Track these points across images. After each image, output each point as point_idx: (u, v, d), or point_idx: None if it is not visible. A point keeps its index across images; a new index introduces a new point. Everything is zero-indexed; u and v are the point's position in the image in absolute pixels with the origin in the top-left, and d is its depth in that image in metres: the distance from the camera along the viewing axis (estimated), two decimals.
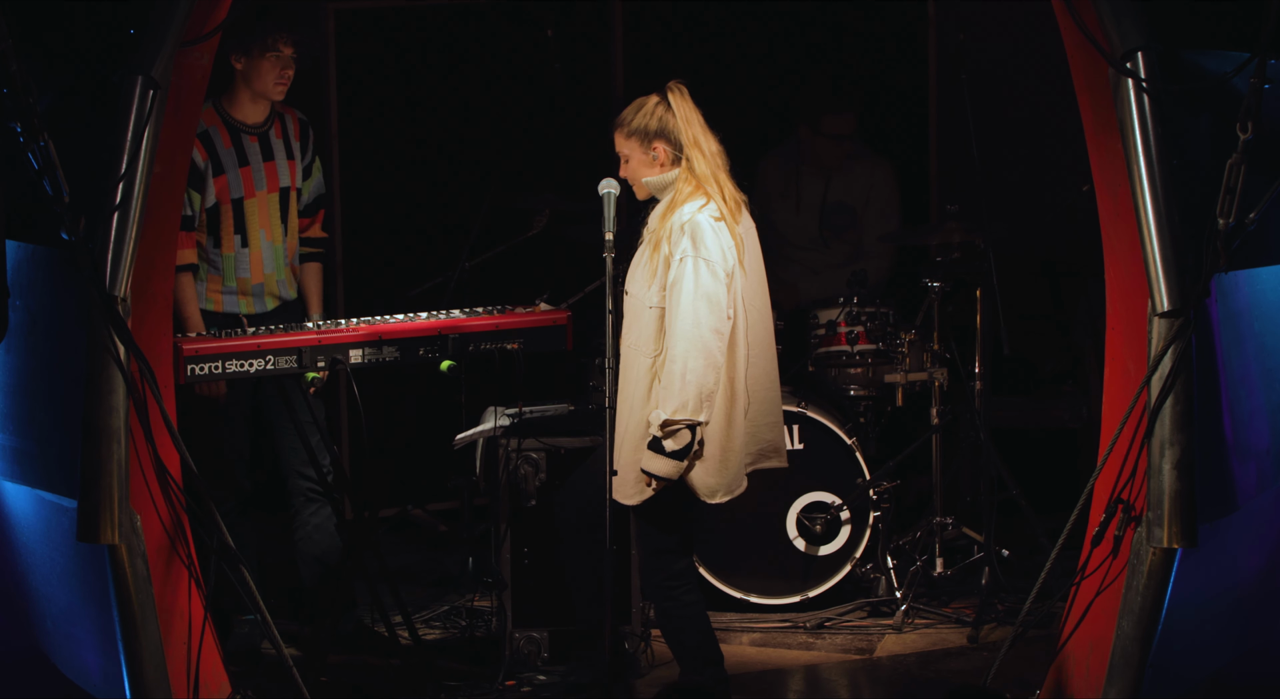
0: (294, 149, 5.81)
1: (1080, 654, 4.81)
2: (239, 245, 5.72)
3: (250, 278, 5.74)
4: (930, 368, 6.44)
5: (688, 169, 5.03)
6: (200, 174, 5.62)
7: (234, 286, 5.74)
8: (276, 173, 5.76)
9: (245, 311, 5.74)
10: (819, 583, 6.30)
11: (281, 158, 5.78)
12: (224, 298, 5.74)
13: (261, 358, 5.30)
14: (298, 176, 5.82)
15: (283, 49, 5.59)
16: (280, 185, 5.77)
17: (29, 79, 4.29)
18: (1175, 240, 4.44)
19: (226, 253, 5.71)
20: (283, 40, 5.58)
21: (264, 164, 5.73)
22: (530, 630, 5.68)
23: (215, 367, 5.23)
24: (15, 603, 4.94)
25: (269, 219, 5.75)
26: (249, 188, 5.70)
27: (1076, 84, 4.83)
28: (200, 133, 5.61)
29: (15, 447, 4.78)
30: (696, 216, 4.91)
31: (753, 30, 7.63)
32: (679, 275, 4.86)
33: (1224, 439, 4.55)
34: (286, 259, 5.83)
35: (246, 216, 5.71)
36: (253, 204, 5.72)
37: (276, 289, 5.81)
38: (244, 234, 5.72)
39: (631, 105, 5.17)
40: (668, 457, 4.81)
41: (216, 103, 5.70)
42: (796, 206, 6.99)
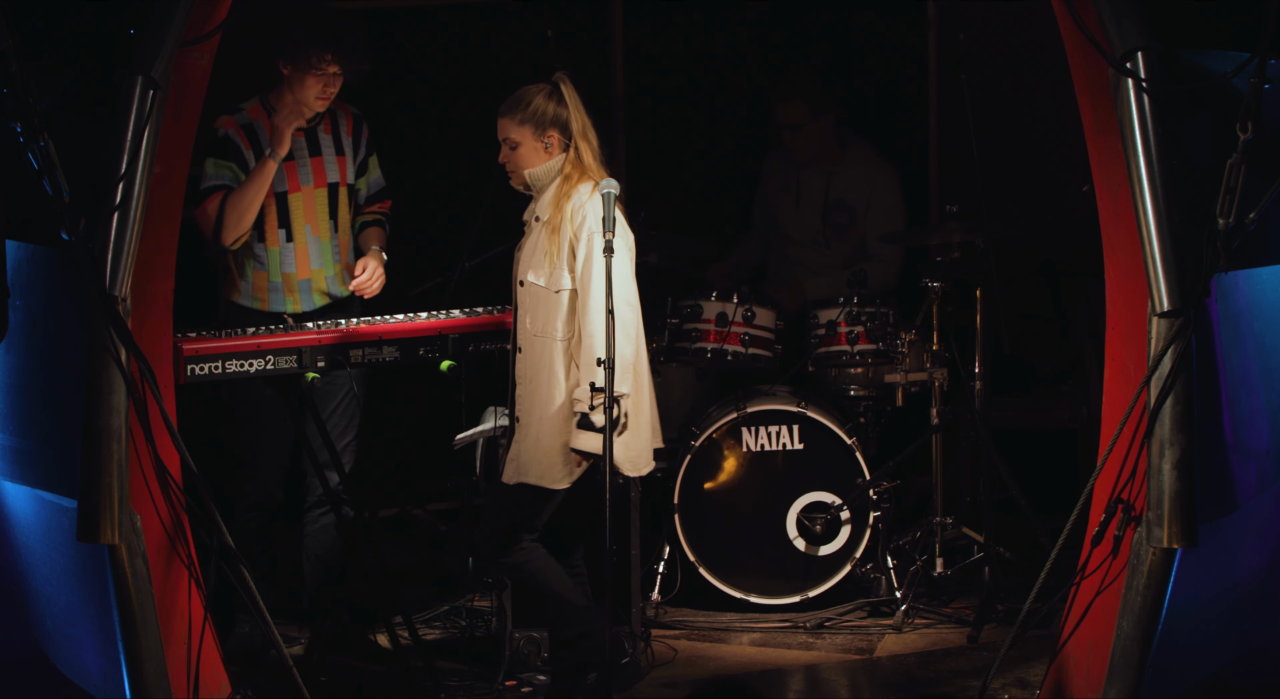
0: (344, 144, 5.79)
1: (1080, 654, 4.81)
2: (284, 240, 5.69)
3: (296, 273, 5.72)
4: (930, 368, 6.44)
5: (575, 158, 5.22)
6: (242, 158, 5.60)
7: (279, 282, 5.71)
8: (324, 168, 5.74)
9: (291, 310, 5.70)
10: (819, 583, 6.30)
11: (330, 154, 5.76)
12: (270, 295, 5.71)
13: (261, 358, 5.29)
14: (349, 172, 5.80)
15: (327, 68, 5.59)
16: (328, 181, 5.75)
17: (29, 79, 4.29)
18: (1175, 240, 4.44)
19: (271, 247, 5.68)
20: (328, 59, 5.57)
21: (310, 159, 5.72)
22: (530, 630, 5.68)
23: (215, 366, 5.22)
24: (15, 603, 4.94)
25: (315, 214, 5.73)
26: (293, 182, 5.69)
27: (1076, 84, 4.83)
28: (244, 125, 5.62)
29: (15, 447, 4.78)
30: (597, 197, 5.12)
31: (752, 30, 7.63)
32: (590, 254, 5.07)
33: (1224, 439, 4.55)
34: (336, 257, 5.80)
35: (290, 211, 5.69)
36: (297, 199, 5.70)
37: (325, 285, 5.78)
38: (288, 229, 5.70)
39: (520, 94, 5.30)
40: (597, 432, 4.96)
41: (264, 98, 5.69)
42: (797, 202, 6.98)
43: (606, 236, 4.99)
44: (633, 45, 7.65)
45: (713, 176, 7.71)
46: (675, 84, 7.68)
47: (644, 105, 7.69)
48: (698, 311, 6.47)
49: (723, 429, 6.35)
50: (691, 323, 6.48)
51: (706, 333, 6.47)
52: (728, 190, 7.63)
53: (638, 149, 7.70)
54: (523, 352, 5.21)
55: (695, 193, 7.72)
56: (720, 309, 6.46)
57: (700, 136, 7.69)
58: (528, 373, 5.20)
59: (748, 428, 6.35)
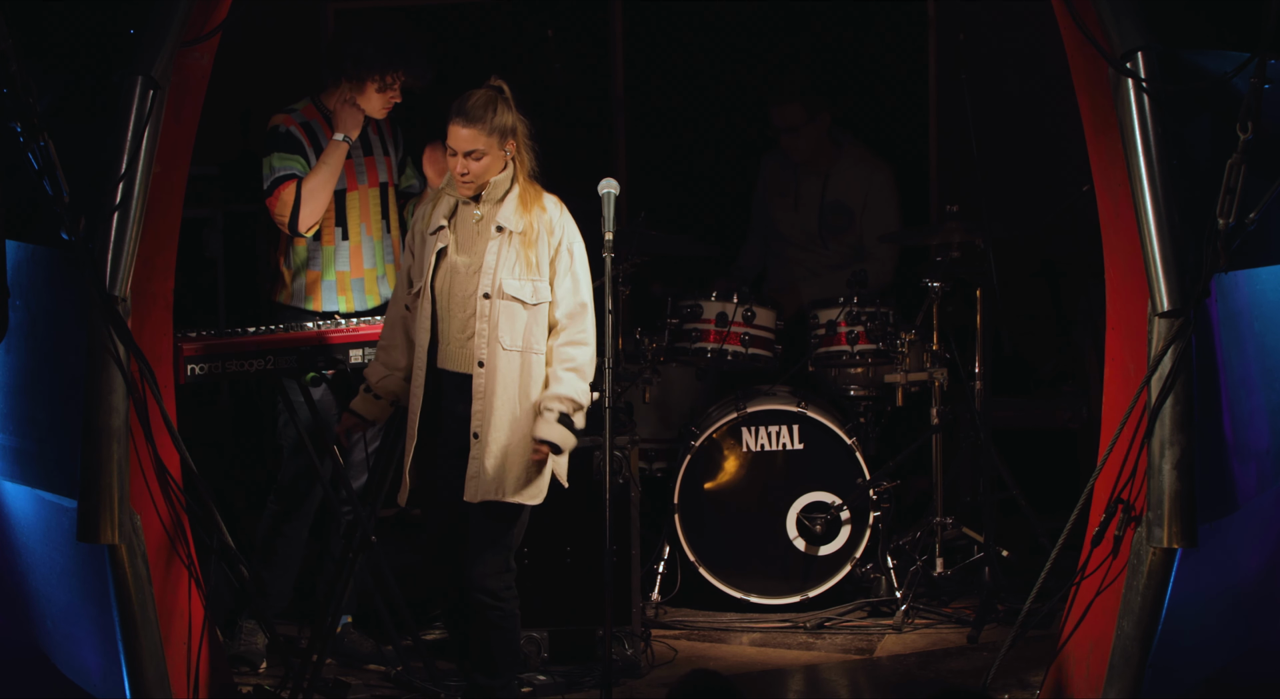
0: (388, 145, 5.80)
1: (1080, 654, 4.81)
2: (339, 238, 5.69)
3: (350, 272, 5.71)
4: (930, 368, 6.44)
5: (521, 166, 5.09)
6: (308, 156, 5.60)
7: (333, 281, 5.70)
8: (376, 168, 5.75)
9: (344, 310, 5.70)
10: (819, 583, 6.30)
11: (379, 154, 5.77)
12: (324, 295, 5.70)
13: (262, 357, 5.29)
14: (395, 172, 5.81)
15: (396, 86, 5.63)
16: (380, 180, 5.76)
17: (29, 79, 4.29)
18: (1175, 240, 4.44)
19: (326, 246, 5.68)
20: (400, 77, 5.61)
21: (364, 159, 5.72)
22: (530, 630, 5.68)
23: (215, 366, 5.22)
24: (15, 603, 4.94)
25: (369, 213, 5.73)
26: (351, 181, 5.69)
27: (1076, 84, 4.83)
28: (303, 123, 5.63)
29: (15, 447, 4.78)
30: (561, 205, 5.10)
31: (752, 30, 7.63)
32: (573, 264, 5.03)
33: (1224, 439, 4.55)
34: (389, 256, 5.79)
35: (347, 209, 5.69)
36: (354, 197, 5.70)
37: (378, 286, 5.77)
38: (344, 227, 5.69)
39: (478, 102, 5.10)
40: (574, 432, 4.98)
41: (315, 98, 5.69)
42: (795, 204, 6.98)
43: (607, 237, 4.98)
44: (633, 45, 7.65)
45: (713, 176, 7.71)
46: (675, 84, 7.68)
47: (644, 105, 7.69)
48: (698, 311, 6.47)
49: (723, 429, 6.35)
50: (691, 323, 6.48)
51: (706, 333, 6.47)
52: (728, 190, 7.63)
53: (638, 149, 7.70)
54: (484, 365, 4.94)
55: (695, 193, 7.72)
56: (720, 309, 6.46)
57: (700, 136, 7.69)
58: (491, 387, 4.94)
59: (748, 428, 6.35)
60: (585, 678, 5.58)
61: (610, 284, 4.99)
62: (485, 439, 4.95)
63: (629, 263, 6.38)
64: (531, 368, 4.97)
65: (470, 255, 5.00)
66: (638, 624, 5.78)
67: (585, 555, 5.68)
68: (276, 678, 5.47)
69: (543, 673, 5.60)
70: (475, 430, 4.96)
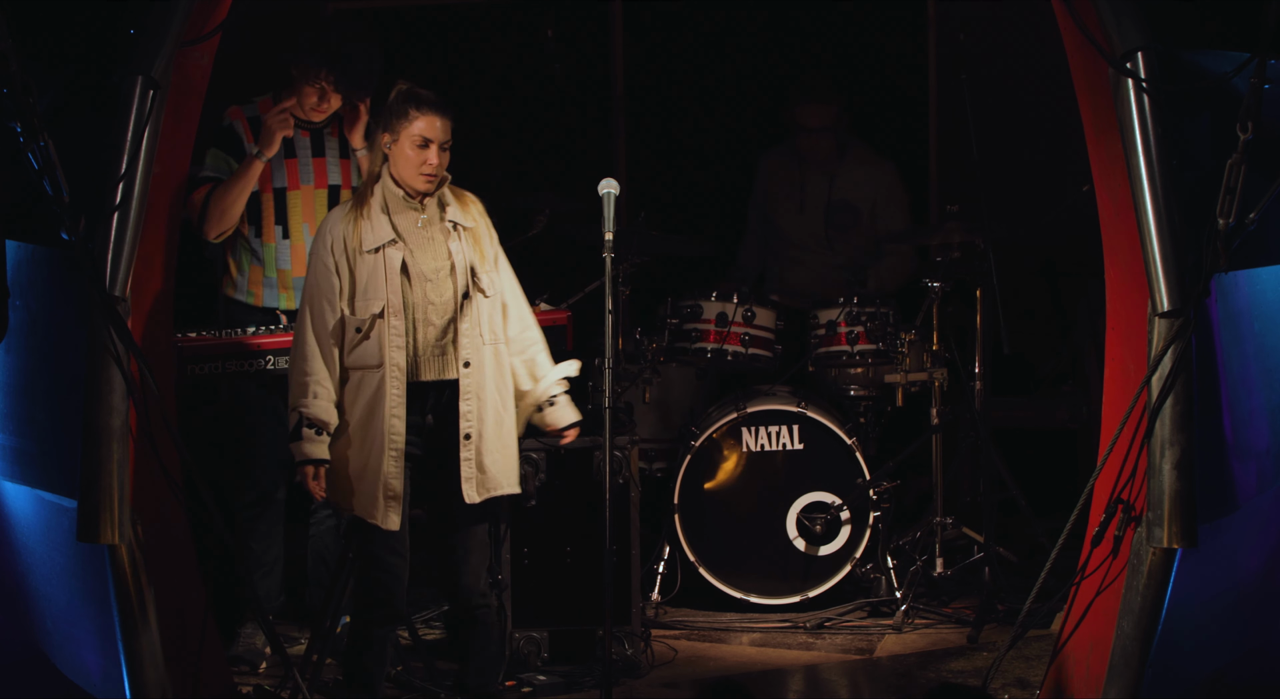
0: (349, 149, 5.79)
1: (1080, 654, 4.81)
2: (280, 236, 5.70)
3: (291, 271, 5.73)
4: (930, 368, 6.44)
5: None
6: (242, 151, 5.61)
7: (274, 278, 5.72)
8: (325, 170, 5.75)
9: (285, 307, 5.71)
10: (819, 583, 6.30)
11: (334, 156, 5.76)
12: (264, 291, 5.73)
13: (261, 357, 5.30)
14: (353, 177, 5.80)
15: (325, 85, 5.60)
16: (329, 183, 5.76)
17: (29, 79, 4.29)
18: (1175, 240, 4.44)
19: (268, 243, 5.70)
20: (330, 79, 5.59)
21: (312, 159, 5.72)
22: (530, 630, 5.68)
23: (215, 366, 5.22)
24: (15, 603, 4.94)
25: (313, 214, 5.73)
26: (293, 180, 5.70)
27: (1076, 84, 4.83)
28: (251, 117, 5.64)
29: (15, 447, 4.78)
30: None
31: (752, 30, 7.63)
32: (501, 252, 5.06)
33: (1224, 439, 4.55)
34: None
35: (289, 208, 5.70)
36: (296, 196, 5.71)
37: None
38: (285, 225, 5.70)
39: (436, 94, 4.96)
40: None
41: (275, 95, 5.71)
42: (801, 206, 6.98)
43: (607, 237, 4.98)
44: (633, 45, 7.65)
45: (713, 176, 7.71)
46: (675, 84, 7.68)
47: (644, 105, 7.69)
48: (698, 311, 6.47)
49: (723, 429, 6.35)
50: (691, 323, 6.48)
51: (706, 333, 6.47)
52: (728, 190, 7.63)
53: (638, 149, 7.70)
54: (471, 365, 4.91)
55: (695, 193, 7.72)
56: (720, 309, 6.46)
57: (700, 137, 7.69)
58: (480, 385, 4.92)
59: (748, 428, 6.35)
60: (585, 678, 5.58)
61: (610, 284, 4.99)
62: (479, 437, 4.94)
63: (629, 263, 6.39)
64: (500, 358, 5.01)
65: (435, 259, 4.92)
66: (638, 624, 5.78)
67: (585, 555, 5.69)
68: (276, 678, 5.47)
69: (543, 673, 5.60)
70: (467, 431, 4.92)
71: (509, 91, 7.57)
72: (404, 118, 4.83)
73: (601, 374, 5.15)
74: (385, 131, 4.87)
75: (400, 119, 4.83)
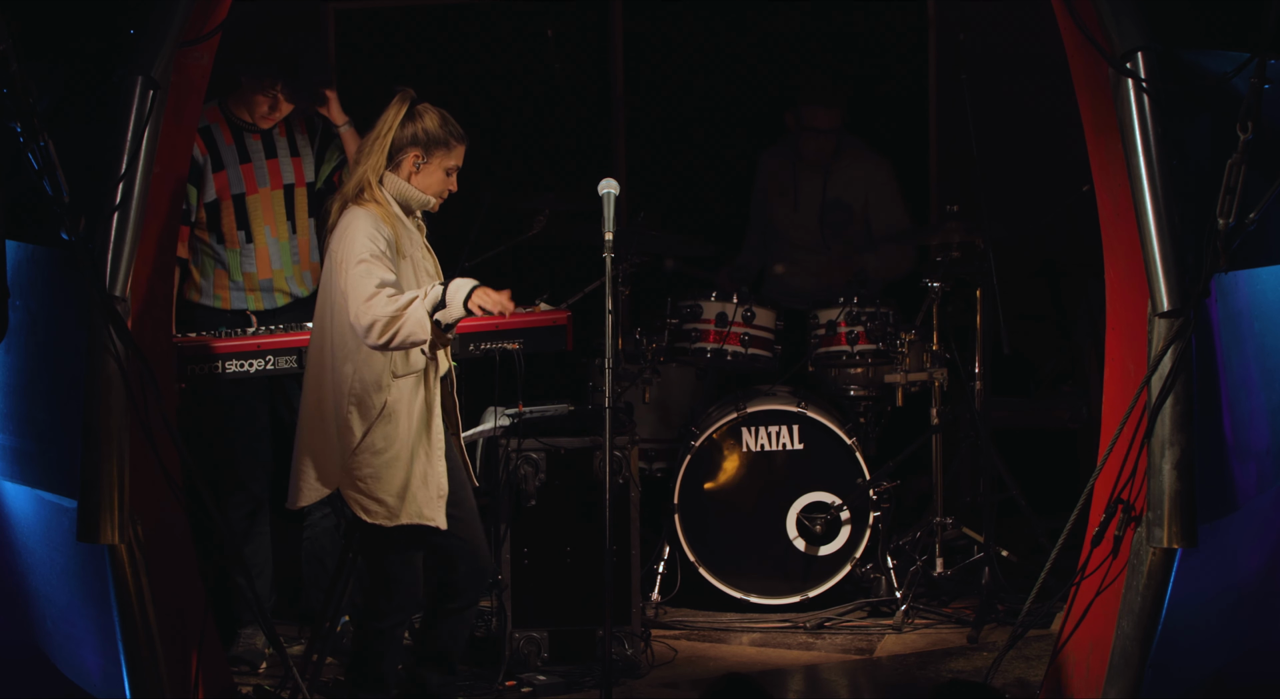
0: (299, 146, 5.81)
1: (1080, 654, 4.81)
2: (243, 241, 5.73)
3: (257, 273, 5.75)
4: (930, 368, 6.44)
5: None
6: (199, 169, 5.64)
7: (241, 282, 5.74)
8: (280, 170, 5.76)
9: (254, 308, 5.74)
10: (819, 583, 6.30)
11: (285, 156, 5.78)
12: (232, 294, 5.75)
13: (261, 358, 5.30)
14: (306, 173, 5.81)
15: (277, 94, 5.63)
16: (284, 183, 5.77)
17: (29, 79, 4.28)
18: (1175, 240, 4.44)
19: (231, 248, 5.72)
20: (280, 89, 5.61)
21: (266, 161, 5.74)
22: (530, 630, 5.68)
23: (215, 366, 5.23)
24: (15, 603, 4.94)
25: (274, 216, 5.75)
26: (250, 184, 5.72)
27: (1076, 84, 4.83)
28: (201, 129, 5.64)
29: (15, 447, 4.78)
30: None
31: (752, 30, 7.63)
32: None
33: (1224, 439, 4.55)
34: (295, 257, 5.82)
35: (250, 213, 5.72)
36: (255, 200, 5.72)
37: (286, 285, 5.81)
38: (247, 230, 5.73)
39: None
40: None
41: (222, 101, 5.72)
42: (795, 204, 6.99)
43: (607, 237, 4.98)
44: (633, 45, 7.65)
45: (713, 176, 7.71)
46: (675, 84, 7.68)
47: (644, 105, 7.69)
48: (697, 312, 6.47)
49: (723, 429, 6.35)
50: (691, 323, 6.48)
51: (706, 333, 6.47)
52: (728, 190, 7.63)
53: (638, 149, 7.70)
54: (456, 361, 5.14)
55: (695, 193, 7.72)
56: (720, 309, 6.46)
57: (700, 136, 7.69)
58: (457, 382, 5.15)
59: (748, 428, 6.35)
60: (585, 678, 5.59)
61: (610, 284, 4.99)
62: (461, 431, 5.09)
63: (629, 263, 6.39)
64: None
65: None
66: (638, 624, 5.78)
67: (585, 555, 5.68)
68: (276, 678, 5.47)
69: (543, 673, 5.60)
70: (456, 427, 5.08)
71: (509, 91, 7.57)
72: (444, 146, 4.97)
73: (601, 374, 5.15)
74: (416, 148, 4.93)
75: (440, 146, 4.96)
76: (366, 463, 4.86)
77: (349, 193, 4.92)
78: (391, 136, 4.93)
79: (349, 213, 4.89)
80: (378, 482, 4.87)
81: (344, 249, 4.82)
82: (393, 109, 4.95)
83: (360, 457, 4.86)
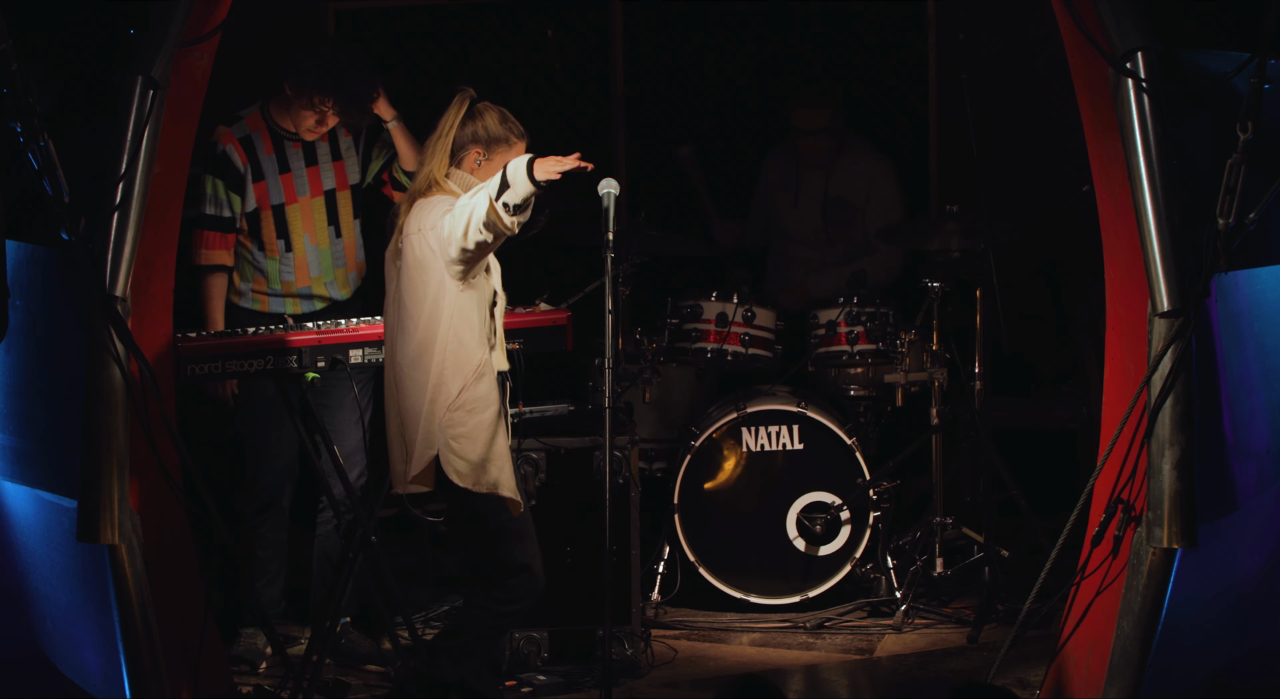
0: (341, 149, 5.79)
1: (1080, 654, 4.81)
2: (283, 250, 5.72)
3: (295, 281, 5.74)
4: (930, 368, 6.44)
5: None
6: (240, 177, 5.62)
7: (279, 290, 5.73)
8: (320, 177, 5.75)
9: (291, 311, 5.73)
10: (819, 583, 6.30)
11: (326, 161, 5.76)
12: (270, 300, 5.74)
13: (261, 357, 5.29)
14: (350, 175, 5.80)
15: (325, 111, 5.60)
16: (325, 189, 5.76)
17: (29, 79, 4.29)
18: (1175, 240, 4.44)
19: (270, 257, 5.71)
20: (329, 104, 5.58)
21: (306, 169, 5.72)
22: (530, 630, 5.68)
23: (215, 366, 5.22)
24: (15, 603, 4.94)
25: (312, 224, 5.74)
26: (290, 194, 5.70)
27: (1076, 84, 4.83)
28: (242, 137, 5.64)
29: (15, 447, 4.78)
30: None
31: (752, 30, 7.63)
32: None
33: (1224, 439, 4.55)
34: (340, 261, 5.81)
35: (289, 222, 5.70)
36: (294, 210, 5.71)
37: (325, 291, 5.79)
38: (287, 239, 5.71)
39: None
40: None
41: (264, 107, 5.70)
42: (796, 201, 7.00)
43: (607, 237, 4.98)
44: (633, 45, 7.65)
45: (713, 176, 7.71)
46: (675, 84, 7.68)
47: (644, 105, 7.69)
48: (698, 312, 6.47)
49: (723, 429, 6.35)
50: (691, 323, 6.48)
51: (706, 333, 6.47)
52: (728, 190, 7.63)
53: (638, 149, 7.70)
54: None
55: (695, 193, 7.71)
56: (720, 309, 6.46)
57: (700, 136, 7.69)
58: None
59: (748, 428, 6.35)
60: (585, 678, 5.58)
61: (610, 284, 4.99)
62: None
63: (629, 263, 6.39)
64: None
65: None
66: (638, 624, 5.78)
67: (585, 555, 5.68)
68: (276, 678, 5.47)
69: (543, 673, 5.60)
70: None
71: (509, 91, 7.56)
72: (505, 143, 5.01)
73: (601, 374, 5.15)
74: (477, 146, 4.96)
75: (501, 143, 5.00)
76: (461, 421, 4.85)
77: (419, 189, 4.96)
78: (452, 136, 4.96)
79: (422, 203, 4.92)
80: (471, 442, 4.85)
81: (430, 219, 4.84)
82: (452, 109, 4.99)
83: (456, 414, 4.85)
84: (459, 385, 4.82)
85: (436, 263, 4.81)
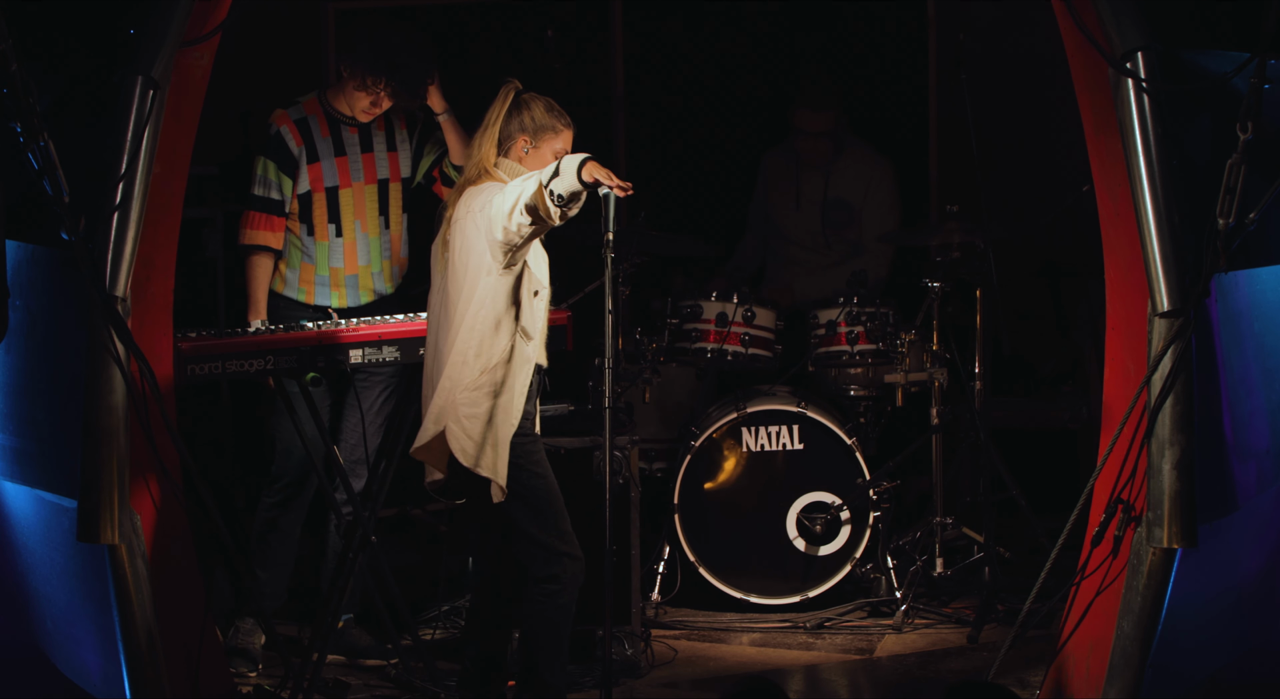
0: (397, 140, 5.79)
1: (1080, 654, 4.81)
2: (333, 234, 5.71)
3: (344, 268, 5.73)
4: (930, 368, 6.44)
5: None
6: (294, 160, 5.62)
7: (326, 276, 5.72)
8: (375, 165, 5.75)
9: (337, 305, 5.71)
10: (819, 583, 6.30)
11: (381, 150, 5.76)
12: (317, 289, 5.72)
13: (262, 357, 5.28)
14: (402, 168, 5.80)
15: (379, 92, 5.60)
16: (379, 178, 5.75)
17: (29, 79, 4.29)
18: (1175, 240, 4.44)
19: (320, 241, 5.70)
20: (382, 85, 5.59)
21: (362, 155, 5.72)
22: None
23: (215, 366, 5.22)
24: (15, 603, 4.94)
25: (364, 211, 5.73)
26: (344, 178, 5.70)
27: (1076, 84, 4.83)
28: (298, 120, 5.65)
29: (15, 447, 4.78)
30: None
31: (752, 30, 7.63)
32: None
33: (1224, 439, 4.55)
34: (387, 253, 5.80)
35: (341, 206, 5.70)
36: (348, 194, 5.70)
37: (372, 282, 5.78)
38: (338, 224, 5.71)
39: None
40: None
41: (321, 93, 5.72)
42: (796, 202, 7.00)
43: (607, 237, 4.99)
44: (633, 45, 7.65)
45: (712, 176, 7.71)
46: (675, 84, 7.69)
47: (644, 105, 7.69)
48: (698, 312, 6.47)
49: (723, 429, 6.35)
50: (691, 323, 6.48)
51: (706, 333, 6.47)
52: (728, 190, 7.63)
53: (638, 149, 7.70)
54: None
55: (695, 193, 7.72)
56: (720, 309, 6.46)
57: (700, 136, 7.70)
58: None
59: (748, 428, 6.35)
60: (585, 678, 5.58)
61: (610, 284, 4.99)
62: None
63: (629, 263, 6.39)
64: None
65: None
66: (638, 624, 5.78)
67: (585, 555, 5.67)
68: (276, 678, 5.47)
69: None
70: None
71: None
72: (552, 131, 5.11)
73: (601, 374, 5.15)
74: (524, 135, 5.04)
75: (549, 131, 5.10)
76: (475, 402, 4.87)
77: (470, 178, 5.01)
78: (499, 126, 5.02)
79: (472, 190, 4.96)
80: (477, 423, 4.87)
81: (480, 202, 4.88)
82: (499, 101, 5.04)
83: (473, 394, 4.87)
84: (479, 367, 4.86)
85: (481, 244, 4.86)
